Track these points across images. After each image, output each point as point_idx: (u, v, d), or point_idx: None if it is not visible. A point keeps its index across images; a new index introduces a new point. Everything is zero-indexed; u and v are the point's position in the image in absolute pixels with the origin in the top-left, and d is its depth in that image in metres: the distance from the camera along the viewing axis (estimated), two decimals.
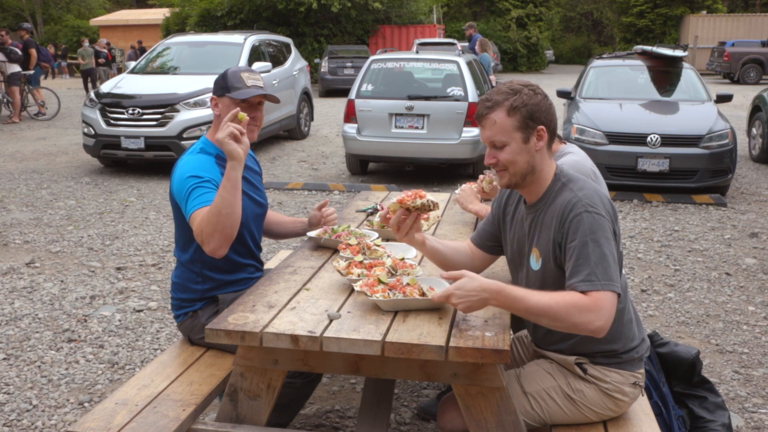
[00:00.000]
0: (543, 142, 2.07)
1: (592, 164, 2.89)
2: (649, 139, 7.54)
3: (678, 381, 2.76)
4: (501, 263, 2.52)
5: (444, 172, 9.24)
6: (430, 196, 2.28)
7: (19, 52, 14.20)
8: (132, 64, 10.83)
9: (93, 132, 9.02)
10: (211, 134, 2.73)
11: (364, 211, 3.44)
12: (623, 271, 2.21)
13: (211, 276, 2.67)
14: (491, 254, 2.41)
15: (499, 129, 2.06)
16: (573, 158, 2.84)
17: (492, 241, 2.38)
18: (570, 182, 2.09)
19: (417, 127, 8.37)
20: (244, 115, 2.46)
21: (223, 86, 2.67)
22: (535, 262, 2.15)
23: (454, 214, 3.38)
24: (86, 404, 3.36)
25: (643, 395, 2.31)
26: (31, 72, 14.64)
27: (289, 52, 12.28)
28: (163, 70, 10.33)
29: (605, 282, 1.91)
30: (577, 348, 2.16)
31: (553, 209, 2.06)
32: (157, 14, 34.13)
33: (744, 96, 16.49)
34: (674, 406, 2.64)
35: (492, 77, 12.48)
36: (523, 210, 2.21)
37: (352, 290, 2.30)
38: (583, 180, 2.12)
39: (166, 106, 8.89)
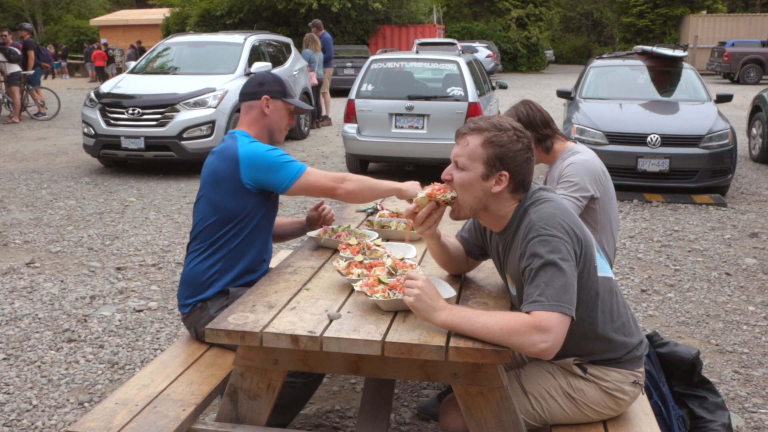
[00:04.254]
0: (501, 187, 2.06)
1: (602, 163, 2.89)
2: (649, 139, 7.54)
3: (678, 381, 2.76)
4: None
5: None
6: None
7: (19, 52, 14.21)
8: (132, 64, 10.83)
9: (93, 132, 9.02)
10: (252, 130, 2.79)
11: (364, 211, 3.44)
12: (612, 290, 2.15)
13: (228, 257, 2.71)
14: (476, 260, 2.46)
15: (467, 152, 2.07)
16: (582, 157, 2.84)
17: (477, 250, 2.41)
18: (531, 206, 2.07)
19: (417, 127, 8.37)
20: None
21: (281, 91, 2.81)
22: (510, 287, 2.18)
23: None
24: (86, 404, 3.36)
25: (643, 394, 2.31)
26: (31, 72, 14.65)
27: (289, 52, 12.28)
28: (163, 70, 10.33)
29: (554, 303, 1.89)
30: (574, 353, 2.17)
31: (517, 236, 2.06)
32: (157, 14, 34.15)
33: (744, 96, 16.49)
34: (674, 406, 2.64)
35: (313, 74, 12.52)
36: (495, 236, 2.22)
37: (352, 290, 2.30)
38: (547, 200, 2.06)
39: (166, 106, 8.88)
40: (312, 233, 2.90)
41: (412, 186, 2.80)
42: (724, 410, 2.72)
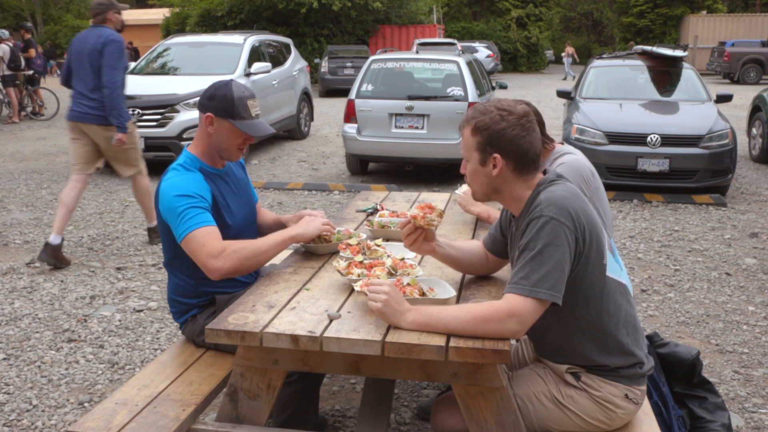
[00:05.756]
0: (498, 169, 2.04)
1: (590, 164, 2.90)
2: (649, 139, 7.54)
3: (678, 381, 2.76)
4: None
5: (444, 172, 9.23)
6: (435, 197, 2.28)
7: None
8: (131, 65, 10.81)
9: None
10: (194, 148, 2.62)
11: (364, 211, 3.44)
12: (624, 296, 2.17)
13: (205, 284, 2.61)
14: (502, 258, 2.40)
15: (463, 144, 2.12)
16: (572, 157, 2.84)
17: (502, 246, 2.36)
18: (546, 188, 2.03)
19: (417, 127, 8.38)
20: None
21: (227, 110, 2.51)
22: None
23: (454, 215, 3.38)
24: (86, 404, 3.36)
25: (637, 411, 2.24)
26: (30, 72, 14.73)
27: (289, 52, 12.28)
28: (163, 71, 10.33)
29: (533, 289, 1.89)
30: (571, 361, 2.13)
31: (528, 217, 2.03)
32: (157, 14, 34.13)
33: (744, 96, 16.49)
34: (674, 406, 2.64)
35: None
36: (514, 222, 2.21)
37: (352, 290, 2.30)
38: (560, 185, 2.03)
39: (166, 106, 8.89)
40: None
41: (308, 226, 2.61)
42: (724, 410, 2.72)
